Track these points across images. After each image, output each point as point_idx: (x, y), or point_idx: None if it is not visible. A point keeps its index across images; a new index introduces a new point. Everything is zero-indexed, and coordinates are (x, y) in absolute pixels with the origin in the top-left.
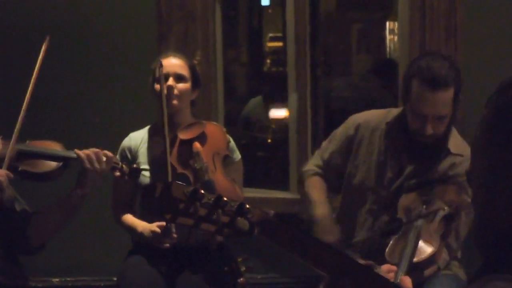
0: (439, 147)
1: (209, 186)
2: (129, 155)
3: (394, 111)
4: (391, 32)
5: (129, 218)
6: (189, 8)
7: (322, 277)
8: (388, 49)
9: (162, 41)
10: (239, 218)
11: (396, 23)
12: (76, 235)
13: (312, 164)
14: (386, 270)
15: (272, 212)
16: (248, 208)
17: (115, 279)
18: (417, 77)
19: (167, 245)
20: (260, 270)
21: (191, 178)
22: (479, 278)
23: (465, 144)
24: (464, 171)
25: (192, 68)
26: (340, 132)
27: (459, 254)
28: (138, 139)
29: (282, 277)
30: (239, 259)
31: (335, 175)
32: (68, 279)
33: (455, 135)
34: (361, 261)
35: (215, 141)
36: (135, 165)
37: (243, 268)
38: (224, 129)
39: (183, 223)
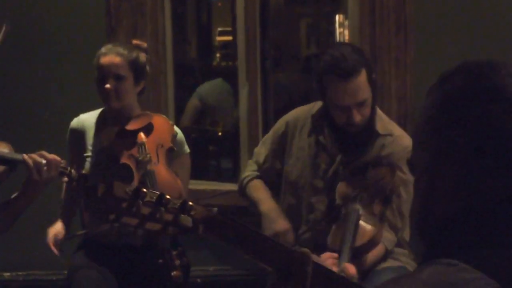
0: (367, 131)
1: (150, 177)
2: (78, 138)
3: (319, 104)
4: (341, 26)
5: None
6: (138, 1)
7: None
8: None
9: (111, 35)
10: (182, 215)
11: (345, 16)
12: (26, 229)
13: (249, 171)
14: (325, 257)
15: (215, 209)
16: (191, 205)
17: (65, 272)
18: (327, 72)
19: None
20: (212, 262)
21: (134, 169)
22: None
23: (392, 123)
24: (395, 150)
25: (131, 63)
26: (271, 134)
27: (407, 236)
28: (87, 122)
29: (234, 269)
30: (174, 253)
31: (271, 177)
32: (19, 273)
33: (380, 116)
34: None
35: (160, 133)
36: (83, 171)
37: (177, 262)
38: (171, 122)
39: (128, 223)
